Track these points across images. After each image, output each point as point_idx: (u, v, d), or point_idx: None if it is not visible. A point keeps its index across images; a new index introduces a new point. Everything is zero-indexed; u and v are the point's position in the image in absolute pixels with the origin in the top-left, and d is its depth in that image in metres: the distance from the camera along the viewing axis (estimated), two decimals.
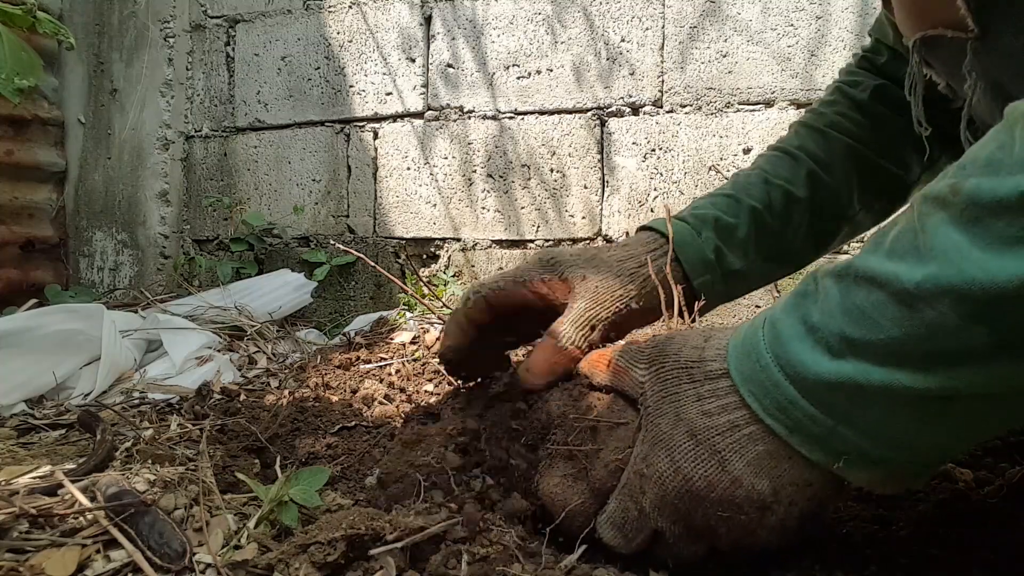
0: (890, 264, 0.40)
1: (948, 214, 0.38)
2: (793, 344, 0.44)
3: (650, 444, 0.49)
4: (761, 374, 0.45)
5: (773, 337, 0.45)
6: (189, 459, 0.79)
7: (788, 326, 0.45)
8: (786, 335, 0.44)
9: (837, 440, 0.42)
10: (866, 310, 0.40)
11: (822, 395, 0.42)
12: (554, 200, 1.68)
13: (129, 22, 2.13)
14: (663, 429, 0.49)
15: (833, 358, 0.41)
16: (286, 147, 1.96)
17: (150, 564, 0.52)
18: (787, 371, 0.44)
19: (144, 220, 2.13)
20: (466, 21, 1.74)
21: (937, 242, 0.38)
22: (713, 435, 0.46)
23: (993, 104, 0.51)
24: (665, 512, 0.49)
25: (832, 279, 0.44)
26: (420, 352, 1.38)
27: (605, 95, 1.63)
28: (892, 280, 0.39)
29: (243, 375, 1.34)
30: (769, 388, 0.44)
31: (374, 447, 0.85)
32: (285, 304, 1.72)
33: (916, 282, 0.38)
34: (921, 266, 0.38)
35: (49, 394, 1.20)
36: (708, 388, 0.48)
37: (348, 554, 0.51)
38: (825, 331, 0.42)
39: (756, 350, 0.46)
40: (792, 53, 1.48)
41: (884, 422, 0.41)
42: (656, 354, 0.52)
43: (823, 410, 0.42)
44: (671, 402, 0.49)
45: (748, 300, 1.52)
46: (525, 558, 0.53)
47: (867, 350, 0.40)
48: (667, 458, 0.48)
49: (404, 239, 1.83)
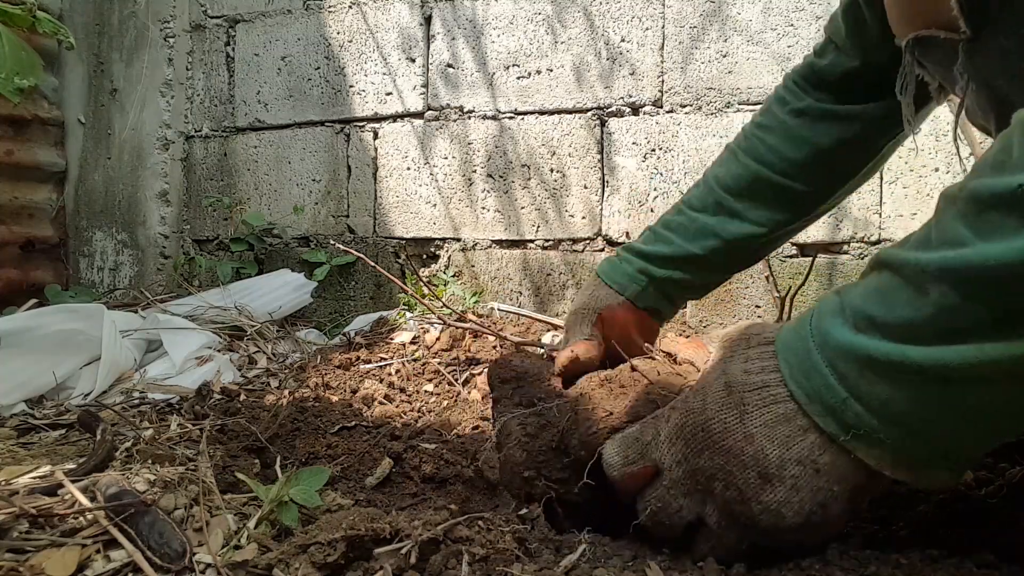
0: (907, 252, 0.44)
1: (956, 209, 0.42)
2: (827, 319, 0.47)
3: (694, 389, 0.55)
4: (798, 343, 0.49)
5: (818, 315, 0.49)
6: (189, 459, 0.79)
7: (831, 305, 0.48)
8: (825, 311, 0.48)
9: (849, 412, 0.45)
10: (885, 292, 0.45)
11: (839, 364, 0.45)
12: (554, 200, 1.68)
13: (129, 22, 2.13)
14: (709, 379, 0.54)
15: (857, 333, 0.45)
16: (286, 147, 1.96)
17: (150, 564, 0.52)
18: (817, 340, 0.47)
19: (144, 220, 2.13)
20: (466, 21, 1.74)
21: (945, 232, 0.42)
22: (745, 390, 0.50)
23: (986, 105, 0.52)
24: (677, 444, 0.53)
25: (870, 266, 0.49)
26: (420, 352, 1.38)
27: (605, 95, 1.63)
28: (906, 264, 0.44)
29: (243, 375, 1.34)
30: (801, 355, 0.48)
31: (374, 447, 0.85)
32: (285, 304, 1.72)
33: (923, 264, 0.42)
34: (930, 252, 0.42)
35: (49, 394, 1.20)
36: (756, 351, 0.52)
37: (348, 554, 0.51)
38: (853, 310, 0.46)
39: (803, 324, 0.50)
40: (792, 53, 1.48)
41: (889, 398, 0.43)
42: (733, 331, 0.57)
43: (839, 379, 0.45)
44: (725, 360, 0.54)
45: (748, 300, 1.52)
46: (525, 558, 0.53)
47: (882, 327, 0.44)
48: (700, 399, 0.53)
49: (404, 239, 1.83)
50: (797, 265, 1.50)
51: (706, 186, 0.87)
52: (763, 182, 0.83)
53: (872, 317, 0.44)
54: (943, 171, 1.41)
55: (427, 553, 0.52)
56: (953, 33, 0.50)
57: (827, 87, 0.80)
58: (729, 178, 0.85)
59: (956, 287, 0.40)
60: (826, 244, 1.49)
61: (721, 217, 0.84)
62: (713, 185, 0.86)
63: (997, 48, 0.48)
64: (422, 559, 0.51)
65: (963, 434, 0.43)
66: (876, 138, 0.80)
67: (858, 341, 0.44)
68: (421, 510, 0.67)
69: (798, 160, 0.81)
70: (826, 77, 0.80)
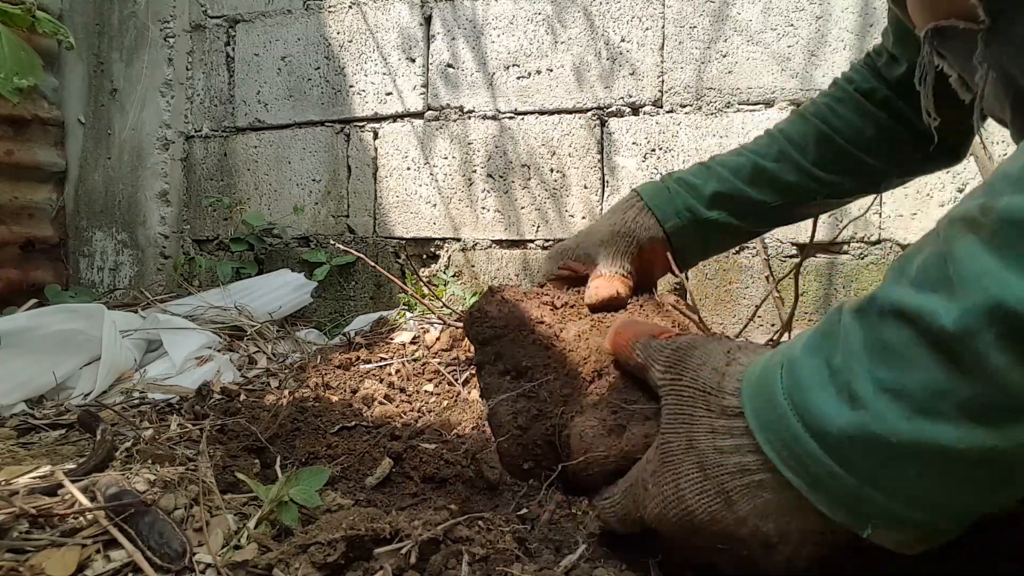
0: (919, 296, 0.36)
1: (979, 236, 0.34)
2: (813, 393, 0.40)
3: (660, 460, 0.49)
4: (778, 422, 0.41)
5: (792, 382, 0.42)
6: (189, 459, 0.79)
7: (809, 370, 0.41)
8: (806, 381, 0.41)
9: (865, 503, 0.38)
10: (895, 348, 0.36)
11: (846, 452, 0.38)
12: (554, 200, 1.68)
13: (129, 22, 2.13)
14: (674, 450, 0.48)
15: (857, 408, 0.37)
16: (286, 147, 1.96)
17: (150, 564, 0.52)
18: (807, 421, 0.40)
19: (144, 220, 2.13)
20: (466, 21, 1.74)
21: (969, 269, 0.34)
22: (722, 473, 0.45)
23: (1004, 97, 0.50)
24: (664, 529, 0.49)
25: (852, 315, 0.40)
26: (420, 352, 1.38)
27: (605, 95, 1.63)
28: (924, 315, 0.35)
29: (243, 375, 1.34)
30: (787, 439, 0.41)
31: (374, 447, 0.85)
32: (285, 304, 1.72)
33: (952, 318, 0.34)
34: (954, 299, 0.34)
35: (49, 394, 1.20)
36: (723, 424, 0.46)
37: (348, 554, 0.51)
38: (848, 374, 0.38)
39: (773, 395, 0.42)
40: (792, 53, 1.48)
41: (920, 485, 0.36)
42: (676, 360, 0.52)
43: (847, 468, 0.38)
44: (685, 423, 0.48)
45: (748, 300, 1.52)
46: (525, 558, 0.53)
47: (898, 397, 0.36)
48: (673, 483, 0.47)
49: (404, 239, 1.83)
50: None
51: (770, 136, 0.85)
52: (832, 144, 0.81)
53: (880, 381, 0.37)
54: (943, 171, 1.40)
55: (427, 553, 0.52)
56: (972, 23, 0.49)
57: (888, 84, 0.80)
58: (796, 134, 0.83)
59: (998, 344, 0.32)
60: (826, 244, 1.49)
61: (783, 164, 0.82)
62: (778, 136, 0.84)
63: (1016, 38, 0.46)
64: (422, 559, 0.51)
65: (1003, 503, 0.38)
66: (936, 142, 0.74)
67: (867, 423, 0.37)
68: (421, 510, 0.67)
69: (867, 134, 0.80)
70: (886, 77, 0.80)
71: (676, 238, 0.82)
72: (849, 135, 0.81)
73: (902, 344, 0.36)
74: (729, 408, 0.46)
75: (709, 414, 0.47)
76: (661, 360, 0.53)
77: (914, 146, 0.81)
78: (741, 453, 0.44)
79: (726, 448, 0.45)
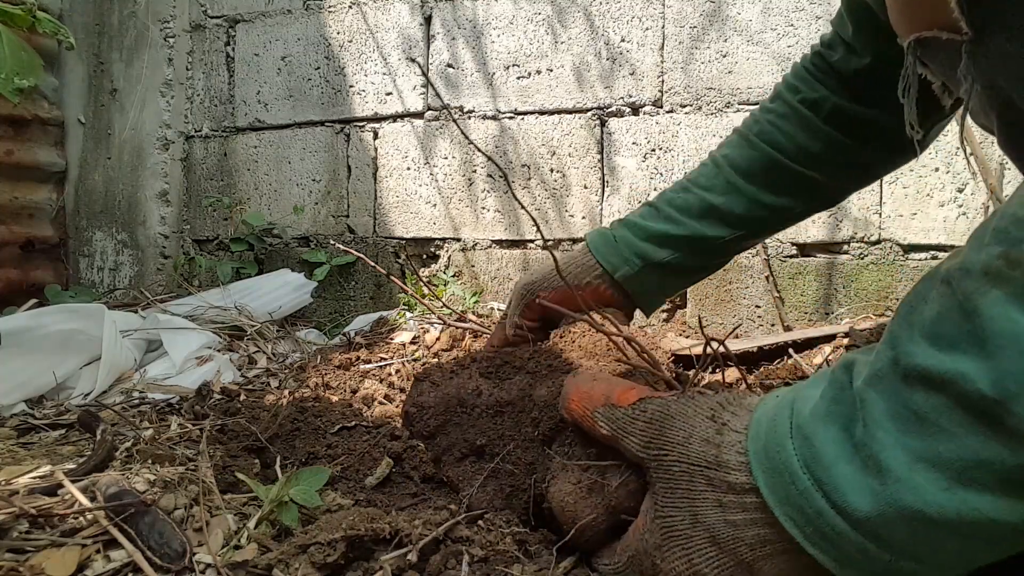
0: (945, 358, 0.34)
1: (1008, 291, 0.32)
2: (837, 468, 0.37)
3: (663, 534, 0.46)
4: (800, 499, 0.39)
5: (811, 456, 0.39)
6: (189, 459, 0.79)
7: (828, 443, 0.38)
8: (828, 455, 0.38)
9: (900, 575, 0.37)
10: (926, 415, 0.34)
11: (877, 528, 0.36)
12: (554, 200, 1.68)
13: (129, 22, 2.13)
14: (678, 525, 0.45)
15: (886, 482, 0.35)
16: (286, 147, 1.96)
17: (150, 564, 0.52)
18: (832, 499, 0.37)
19: (144, 220, 2.13)
20: (466, 21, 1.74)
21: (1003, 328, 0.32)
22: (739, 546, 0.42)
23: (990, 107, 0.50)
24: None
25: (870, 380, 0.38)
26: (420, 352, 1.38)
27: (605, 95, 1.63)
28: (955, 379, 0.33)
29: (243, 375, 1.34)
30: (811, 516, 0.38)
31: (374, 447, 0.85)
32: (285, 304, 1.72)
33: (989, 382, 0.31)
34: (988, 360, 0.32)
35: (49, 394, 1.20)
36: (732, 499, 0.43)
37: (348, 554, 0.51)
38: (875, 446, 0.36)
39: (789, 468, 0.40)
40: (792, 53, 1.48)
41: (958, 554, 0.35)
42: (654, 435, 0.48)
43: (879, 544, 0.36)
44: (685, 499, 0.45)
45: (748, 300, 1.52)
46: (525, 558, 0.53)
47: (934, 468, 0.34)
48: (684, 558, 0.45)
49: (404, 239, 1.83)
50: (797, 265, 1.50)
51: (715, 166, 0.83)
52: (780, 168, 0.79)
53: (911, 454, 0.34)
54: (943, 171, 1.41)
55: (427, 553, 0.52)
56: (955, 34, 0.48)
57: (842, 81, 0.76)
58: (742, 160, 0.81)
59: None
60: (826, 244, 1.49)
61: (731, 196, 0.80)
62: (723, 164, 0.82)
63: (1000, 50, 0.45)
64: (422, 559, 0.52)
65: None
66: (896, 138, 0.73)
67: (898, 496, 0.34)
68: (421, 510, 0.67)
69: (815, 151, 0.77)
70: (839, 72, 0.76)
71: (629, 284, 0.82)
72: (797, 155, 0.78)
73: (933, 411, 0.34)
74: (737, 484, 0.43)
75: (713, 489, 0.44)
76: (635, 435, 0.50)
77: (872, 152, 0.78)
78: (758, 525, 0.42)
79: (740, 522, 0.43)
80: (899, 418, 0.35)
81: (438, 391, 0.72)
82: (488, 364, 0.76)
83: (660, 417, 0.49)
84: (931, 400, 0.34)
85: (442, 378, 0.75)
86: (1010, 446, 0.31)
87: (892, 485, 0.35)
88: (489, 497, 0.64)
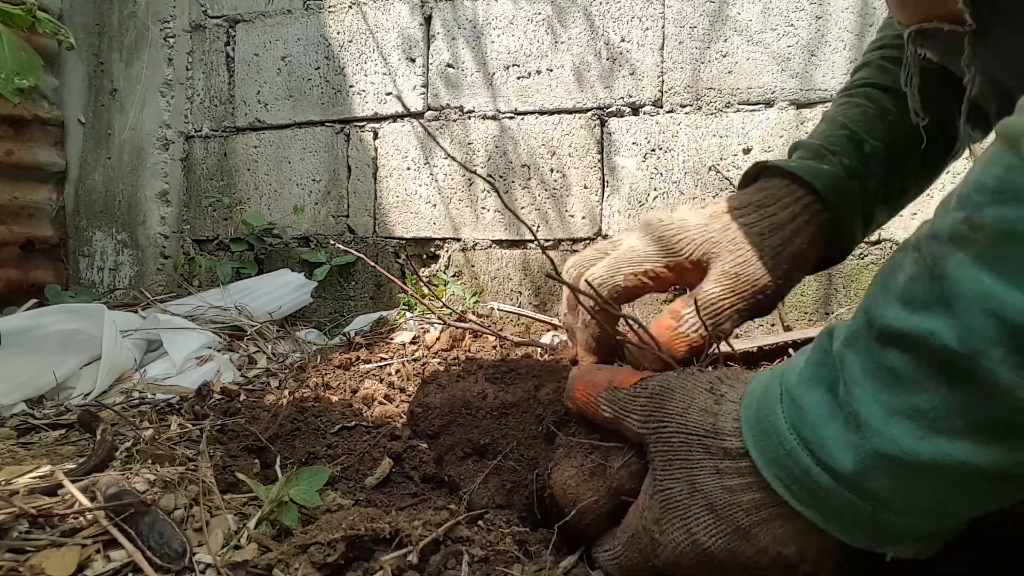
0: (914, 318, 0.36)
1: (970, 253, 0.34)
2: (820, 426, 0.40)
3: (662, 507, 0.47)
4: (787, 459, 0.41)
5: (797, 417, 0.41)
6: (189, 459, 0.79)
7: (812, 404, 0.41)
8: (812, 415, 0.40)
9: (882, 527, 0.39)
10: (899, 372, 0.36)
11: (859, 481, 0.38)
12: (554, 200, 1.68)
13: (129, 22, 2.13)
14: (676, 496, 0.47)
15: (867, 436, 0.37)
16: (286, 147, 1.96)
17: (150, 564, 0.52)
18: (817, 456, 0.40)
19: (144, 220, 2.13)
20: (466, 21, 1.74)
21: (966, 288, 0.33)
22: (736, 511, 0.44)
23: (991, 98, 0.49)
24: (681, 571, 0.47)
25: (845, 342, 0.40)
26: (420, 352, 1.38)
27: (605, 95, 1.63)
28: (926, 337, 0.35)
29: (243, 375, 1.34)
30: (798, 475, 0.41)
31: (374, 447, 0.85)
32: (285, 304, 1.72)
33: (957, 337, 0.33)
34: (954, 318, 0.34)
35: (49, 394, 1.20)
36: (728, 465, 0.45)
37: (348, 554, 0.51)
38: (855, 404, 0.38)
39: (777, 430, 0.42)
40: (792, 53, 1.48)
41: (934, 500, 0.37)
42: (654, 409, 0.50)
43: (863, 497, 0.38)
44: (683, 468, 0.47)
45: None
46: (525, 559, 0.53)
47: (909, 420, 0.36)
48: (683, 528, 0.46)
49: (404, 239, 1.83)
50: None
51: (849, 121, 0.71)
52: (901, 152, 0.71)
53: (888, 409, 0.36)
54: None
55: (427, 553, 0.52)
56: (958, 26, 0.47)
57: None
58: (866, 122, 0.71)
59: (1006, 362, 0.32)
60: None
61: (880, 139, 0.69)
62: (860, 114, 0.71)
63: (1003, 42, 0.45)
64: (422, 559, 0.52)
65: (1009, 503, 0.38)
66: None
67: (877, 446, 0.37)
68: (421, 510, 0.67)
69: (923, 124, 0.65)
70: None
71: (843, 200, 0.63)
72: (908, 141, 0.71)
73: (906, 367, 0.36)
74: (732, 450, 0.45)
75: (710, 456, 0.46)
76: (636, 412, 0.51)
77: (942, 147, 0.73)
78: (752, 490, 0.44)
79: (735, 487, 0.44)
80: (875, 375, 0.37)
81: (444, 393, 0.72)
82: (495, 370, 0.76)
83: (660, 391, 0.50)
84: (904, 357, 0.36)
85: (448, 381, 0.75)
86: (979, 398, 0.33)
87: (871, 438, 0.37)
88: (490, 493, 0.64)
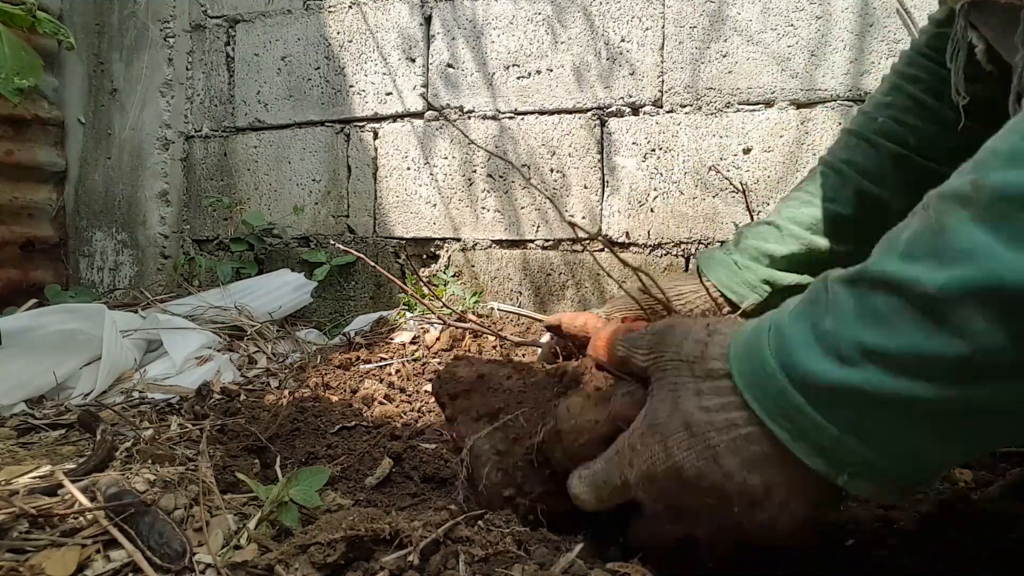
0: (908, 267, 0.38)
1: (971, 212, 0.36)
2: (801, 351, 0.42)
3: (647, 425, 0.50)
4: (765, 379, 0.43)
5: (779, 344, 0.43)
6: (189, 459, 0.79)
7: (796, 332, 0.43)
8: (794, 341, 0.42)
9: (843, 452, 0.41)
10: (884, 315, 0.38)
11: (829, 404, 0.40)
12: (554, 200, 1.68)
13: (129, 22, 2.13)
14: (660, 415, 0.49)
15: (843, 365, 0.39)
16: (286, 147, 1.96)
17: (150, 564, 0.52)
18: (793, 377, 0.42)
19: (144, 220, 2.13)
20: (466, 21, 1.74)
21: (960, 242, 0.35)
22: (709, 430, 0.46)
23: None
24: (651, 488, 0.49)
25: (843, 285, 0.42)
26: (420, 352, 1.38)
27: (605, 95, 1.63)
28: (912, 284, 0.37)
29: (243, 375, 1.34)
30: (773, 393, 0.43)
31: (374, 447, 0.85)
32: (285, 304, 1.72)
33: (938, 286, 0.35)
34: (943, 268, 0.36)
35: (49, 394, 1.20)
36: (708, 385, 0.47)
37: (348, 554, 0.51)
38: (837, 337, 0.40)
39: (760, 354, 0.44)
40: (792, 53, 1.48)
41: (894, 435, 0.39)
42: (657, 341, 0.53)
43: (830, 419, 0.40)
44: (670, 390, 0.49)
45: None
46: (525, 558, 0.53)
47: (883, 358, 0.38)
48: (660, 442, 0.48)
49: (404, 239, 1.83)
50: None
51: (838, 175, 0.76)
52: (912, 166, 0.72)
53: (866, 345, 0.39)
54: None
55: (427, 553, 0.52)
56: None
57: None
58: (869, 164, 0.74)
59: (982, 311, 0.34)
60: None
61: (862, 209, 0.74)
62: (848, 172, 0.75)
63: None
64: (422, 559, 0.52)
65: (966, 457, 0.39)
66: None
67: (852, 377, 0.39)
68: (421, 510, 0.67)
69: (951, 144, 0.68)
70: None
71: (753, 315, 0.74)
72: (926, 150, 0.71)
73: (889, 311, 0.38)
74: (714, 371, 0.47)
75: (694, 379, 0.48)
76: (643, 345, 0.54)
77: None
78: (728, 410, 0.46)
79: (712, 407, 0.46)
80: (859, 314, 0.40)
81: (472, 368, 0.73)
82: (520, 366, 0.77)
83: (664, 328, 0.54)
84: (888, 300, 0.38)
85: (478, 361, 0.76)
86: (948, 341, 0.35)
87: (845, 370, 0.39)
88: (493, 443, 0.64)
